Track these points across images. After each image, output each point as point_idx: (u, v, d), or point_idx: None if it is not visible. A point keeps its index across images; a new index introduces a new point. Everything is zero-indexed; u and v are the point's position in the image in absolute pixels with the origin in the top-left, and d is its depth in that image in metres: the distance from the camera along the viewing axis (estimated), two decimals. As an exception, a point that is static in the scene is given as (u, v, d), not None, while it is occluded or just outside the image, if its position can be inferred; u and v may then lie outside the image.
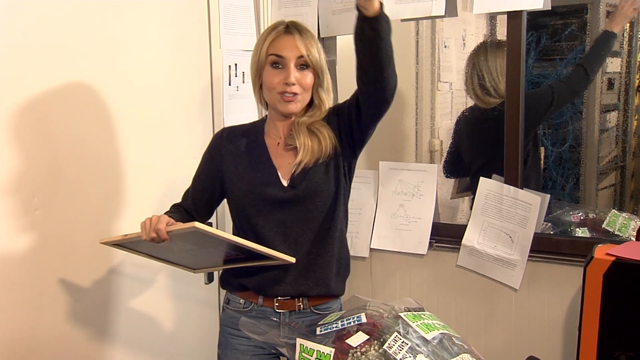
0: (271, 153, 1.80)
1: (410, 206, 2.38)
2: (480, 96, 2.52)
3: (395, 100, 1.80)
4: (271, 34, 1.75)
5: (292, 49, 1.72)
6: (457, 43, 3.17)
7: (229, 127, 1.91)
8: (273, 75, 1.73)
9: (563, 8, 2.76)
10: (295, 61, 1.71)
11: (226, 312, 1.85)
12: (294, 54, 1.72)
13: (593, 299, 1.70)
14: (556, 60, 2.83)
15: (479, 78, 2.50)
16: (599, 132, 2.80)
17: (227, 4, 2.36)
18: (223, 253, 1.69)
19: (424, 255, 2.37)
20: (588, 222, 2.33)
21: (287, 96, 1.72)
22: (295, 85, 1.71)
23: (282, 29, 1.75)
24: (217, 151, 1.83)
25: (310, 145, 1.74)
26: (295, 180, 1.75)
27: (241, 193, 1.77)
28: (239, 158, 1.80)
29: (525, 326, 2.21)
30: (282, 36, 1.74)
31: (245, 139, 1.83)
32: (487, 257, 2.23)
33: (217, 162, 1.82)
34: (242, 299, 1.81)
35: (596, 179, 2.83)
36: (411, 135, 3.13)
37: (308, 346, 1.51)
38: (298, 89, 1.72)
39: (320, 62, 1.75)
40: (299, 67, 1.73)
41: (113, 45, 2.01)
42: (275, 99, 1.74)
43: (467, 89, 2.62)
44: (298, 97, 1.73)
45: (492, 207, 2.22)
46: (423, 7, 2.18)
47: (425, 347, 1.47)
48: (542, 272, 2.15)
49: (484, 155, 2.56)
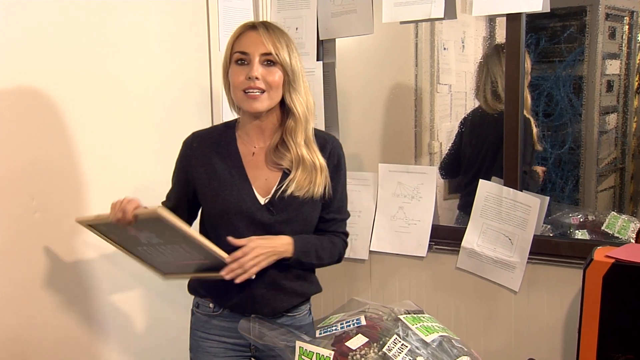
0: (245, 162, 1.71)
1: (410, 208, 2.38)
2: (489, 101, 2.55)
3: (394, 102, 1.79)
4: (237, 31, 1.67)
5: (256, 45, 1.62)
6: (457, 45, 3.18)
7: (199, 132, 1.78)
8: (237, 73, 1.64)
9: (562, 10, 2.77)
10: (259, 57, 1.62)
11: (196, 315, 1.80)
12: (259, 49, 1.62)
13: (593, 301, 1.70)
14: (555, 62, 2.83)
15: (492, 84, 2.52)
16: (598, 134, 2.81)
17: (226, 6, 2.36)
18: (188, 255, 1.61)
19: (424, 258, 2.37)
20: (587, 224, 2.33)
21: (251, 93, 1.62)
22: (259, 80, 1.61)
23: (249, 25, 1.67)
24: (188, 161, 1.73)
25: (306, 166, 1.67)
26: (276, 205, 1.67)
27: (213, 209, 1.70)
28: (211, 171, 1.70)
29: (524, 328, 2.21)
30: (247, 32, 1.65)
31: (216, 147, 1.72)
32: (487, 259, 2.23)
33: (189, 174, 1.73)
34: (212, 303, 1.76)
35: (595, 181, 2.83)
36: (410, 137, 3.13)
37: (307, 348, 1.51)
38: (263, 85, 1.62)
39: (289, 61, 1.64)
40: (264, 63, 1.63)
41: (112, 47, 2.01)
42: (240, 97, 1.64)
43: (477, 93, 2.63)
44: (263, 95, 1.63)
45: (492, 210, 2.22)
46: (422, 10, 2.18)
47: (425, 349, 1.47)
48: (541, 274, 2.15)
49: (485, 158, 2.57)
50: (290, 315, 1.77)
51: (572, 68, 2.80)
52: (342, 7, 2.39)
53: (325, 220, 1.76)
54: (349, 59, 2.71)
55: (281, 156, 1.68)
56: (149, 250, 1.64)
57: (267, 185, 1.69)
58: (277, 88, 1.64)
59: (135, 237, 1.60)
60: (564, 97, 2.82)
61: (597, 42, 2.72)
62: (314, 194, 1.67)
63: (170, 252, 1.61)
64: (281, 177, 1.69)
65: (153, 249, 1.63)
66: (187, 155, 1.73)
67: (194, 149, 1.73)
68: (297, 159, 1.66)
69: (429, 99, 3.14)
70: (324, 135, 1.76)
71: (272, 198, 1.67)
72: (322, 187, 1.69)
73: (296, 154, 1.66)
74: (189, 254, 1.59)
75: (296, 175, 1.66)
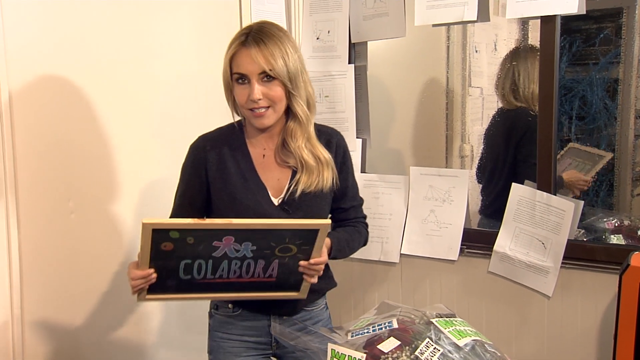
0: (257, 166, 1.73)
1: (441, 212, 2.37)
2: (507, 96, 2.57)
3: (425, 105, 1.79)
4: (231, 47, 1.66)
5: (251, 64, 1.62)
6: (489, 48, 3.15)
7: (208, 135, 1.78)
8: (240, 93, 1.65)
9: (597, 12, 2.73)
10: (257, 77, 1.62)
11: (215, 317, 1.82)
12: (254, 69, 1.62)
13: (629, 307, 1.67)
14: (589, 65, 2.79)
15: (512, 81, 2.53)
16: (634, 137, 2.76)
17: (259, 9, 2.38)
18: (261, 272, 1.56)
19: (455, 261, 2.36)
20: (623, 229, 2.29)
21: (257, 112, 1.64)
22: (262, 99, 1.63)
23: (241, 43, 1.64)
24: (202, 164, 1.73)
25: (311, 167, 1.70)
26: (290, 204, 1.71)
27: (231, 213, 1.68)
28: (226, 175, 1.72)
29: (558, 334, 2.18)
30: (240, 51, 1.64)
31: (229, 150, 1.74)
32: (519, 263, 2.20)
33: (202, 178, 1.73)
34: (231, 304, 1.77)
35: (631, 185, 2.78)
36: (442, 140, 3.11)
37: (339, 351, 1.51)
38: (266, 103, 1.64)
39: (286, 70, 1.63)
40: (263, 81, 1.63)
41: (149, 51, 2.04)
42: (248, 114, 1.68)
43: (496, 89, 2.67)
44: (268, 111, 1.65)
45: (525, 214, 2.19)
46: (455, 12, 2.18)
47: (458, 353, 1.46)
48: (575, 279, 2.12)
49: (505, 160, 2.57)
50: (307, 309, 1.81)
51: (606, 70, 2.76)
52: (374, 10, 2.39)
53: (345, 210, 1.82)
54: (380, 61, 2.71)
55: (287, 154, 1.73)
56: (201, 264, 1.55)
57: (279, 185, 1.73)
58: (281, 100, 1.66)
59: (215, 247, 1.51)
60: (598, 100, 2.78)
61: (633, 44, 2.68)
62: (323, 187, 1.72)
63: (244, 269, 1.56)
64: (291, 176, 1.73)
65: (211, 265, 1.55)
66: (200, 159, 1.74)
67: (207, 152, 1.73)
68: (300, 159, 1.71)
69: (460, 102, 3.12)
70: (327, 131, 1.81)
71: (285, 198, 1.71)
72: (330, 180, 1.73)
73: (298, 154, 1.71)
74: (268, 270, 1.56)
75: (302, 174, 1.71)
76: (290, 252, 1.52)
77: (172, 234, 1.50)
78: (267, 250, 1.52)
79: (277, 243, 1.51)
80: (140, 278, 1.52)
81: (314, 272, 1.61)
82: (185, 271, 1.56)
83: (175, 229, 1.48)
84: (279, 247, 1.51)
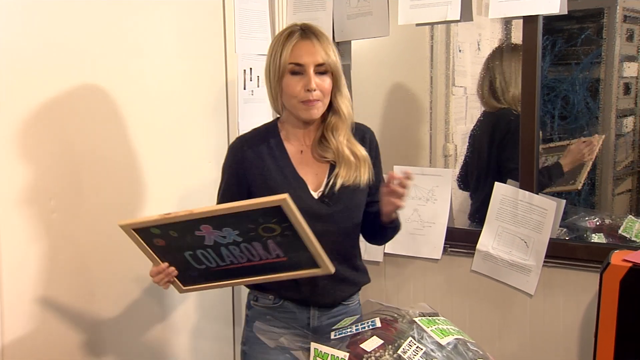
0: (294, 161, 1.78)
1: (425, 211, 2.37)
2: (486, 98, 2.56)
3: (409, 104, 1.81)
4: (289, 40, 1.73)
5: (311, 55, 1.70)
6: (472, 47, 3.17)
7: (245, 136, 1.84)
8: (294, 84, 1.71)
9: (579, 12, 2.75)
10: (314, 67, 1.70)
11: (254, 309, 1.85)
12: (313, 60, 1.70)
13: (610, 305, 1.68)
14: (572, 65, 2.81)
15: (490, 82, 2.51)
16: (615, 137, 2.78)
17: (243, 8, 2.37)
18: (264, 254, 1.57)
19: (438, 260, 2.36)
20: (604, 228, 2.31)
21: (309, 103, 1.71)
22: (317, 91, 1.70)
23: (299, 35, 1.73)
24: (241, 164, 1.78)
25: (350, 162, 1.75)
26: (330, 197, 1.75)
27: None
28: (266, 173, 1.76)
29: (540, 332, 2.19)
30: (300, 43, 1.72)
31: (266, 149, 1.79)
32: (502, 262, 2.22)
33: (242, 177, 1.78)
34: (272, 295, 1.80)
35: (612, 184, 2.81)
36: (425, 139, 3.12)
37: (322, 350, 1.51)
38: (319, 95, 1.71)
39: (337, 65, 1.75)
40: (318, 73, 1.71)
41: (129, 49, 2.02)
42: (297, 107, 1.72)
43: (478, 92, 2.64)
44: (319, 103, 1.72)
45: (507, 212, 2.21)
46: (438, 12, 2.18)
47: (440, 352, 1.47)
48: (557, 277, 2.14)
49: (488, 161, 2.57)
50: (345, 304, 1.84)
51: (588, 70, 2.78)
52: (357, 9, 2.39)
53: (374, 203, 1.83)
54: (364, 61, 2.71)
55: (325, 149, 1.77)
56: (201, 255, 1.58)
57: (318, 179, 1.78)
58: (329, 94, 1.74)
59: (201, 237, 1.54)
60: (580, 99, 2.80)
61: (614, 44, 2.70)
62: (360, 182, 1.76)
63: (239, 253, 1.57)
64: (329, 170, 1.77)
65: (210, 253, 1.58)
66: (239, 159, 1.79)
67: (245, 152, 1.78)
68: (339, 154, 1.75)
69: (444, 101, 3.14)
70: (361, 127, 1.86)
71: (324, 191, 1.76)
72: (366, 175, 1.78)
73: (337, 149, 1.75)
74: (268, 252, 1.56)
75: (341, 168, 1.75)
76: (275, 232, 1.50)
77: (153, 231, 1.55)
78: (251, 232, 1.51)
79: (254, 224, 1.49)
80: (157, 274, 1.61)
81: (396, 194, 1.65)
82: (196, 261, 1.60)
83: (153, 226, 1.53)
84: (260, 227, 1.50)
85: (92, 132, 1.94)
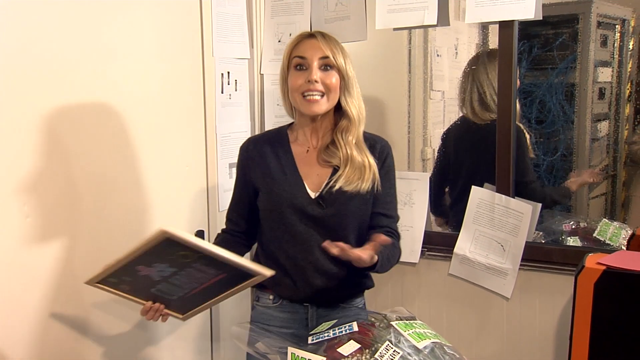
0: (298, 161, 1.80)
1: (403, 214, 2.37)
2: (477, 110, 2.48)
3: (387, 108, 1.83)
4: (296, 39, 1.78)
5: (314, 49, 1.73)
6: (450, 52, 3.19)
7: (254, 137, 1.93)
8: (297, 77, 1.74)
9: (554, 18, 2.78)
10: (318, 61, 1.72)
11: (256, 309, 1.88)
12: (317, 54, 1.73)
13: (584, 308, 1.70)
14: (548, 70, 2.84)
15: (479, 94, 2.48)
16: (590, 141, 2.82)
17: (220, 11, 2.36)
18: (205, 276, 1.54)
19: (416, 264, 2.37)
20: (579, 231, 2.34)
21: (310, 96, 1.71)
22: (319, 83, 1.70)
23: (306, 34, 1.79)
24: (246, 163, 1.85)
25: (353, 166, 1.75)
26: (325, 199, 1.75)
27: (267, 205, 1.79)
28: (266, 170, 1.80)
29: (516, 335, 2.21)
30: (304, 40, 1.77)
31: (270, 147, 1.83)
32: (479, 265, 2.23)
33: (247, 176, 1.84)
34: (271, 294, 1.84)
35: (587, 188, 2.84)
36: (403, 143, 3.13)
37: (299, 355, 1.51)
38: (321, 88, 1.71)
39: (345, 66, 1.75)
40: (322, 68, 1.73)
41: (104, 52, 2.00)
42: (299, 100, 1.74)
43: (462, 104, 2.55)
44: (323, 98, 1.72)
45: (484, 216, 2.22)
46: (415, 17, 2.19)
47: (417, 356, 1.47)
48: (533, 281, 2.16)
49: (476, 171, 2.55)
50: (344, 305, 1.86)
51: (564, 75, 2.81)
52: (335, 13, 2.39)
53: (373, 215, 1.82)
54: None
55: (331, 154, 1.78)
56: (164, 288, 1.60)
57: (319, 180, 1.78)
58: (335, 91, 1.74)
59: (147, 276, 1.55)
60: (556, 104, 2.83)
61: (589, 49, 2.74)
62: (360, 189, 1.74)
63: (186, 280, 1.55)
64: (331, 173, 1.77)
65: (168, 285, 1.59)
66: (245, 159, 1.86)
67: (250, 152, 1.84)
68: (346, 156, 1.75)
69: (422, 106, 3.15)
70: (373, 137, 1.87)
71: (321, 192, 1.75)
72: (369, 183, 1.76)
73: (345, 152, 1.75)
74: (205, 273, 1.53)
75: (345, 171, 1.74)
76: (191, 258, 1.47)
77: (111, 280, 1.60)
78: (177, 261, 1.49)
79: (172, 255, 1.47)
80: (146, 312, 1.65)
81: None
82: (167, 294, 1.62)
83: (108, 276, 1.58)
84: (178, 257, 1.47)
85: (64, 136, 1.91)
